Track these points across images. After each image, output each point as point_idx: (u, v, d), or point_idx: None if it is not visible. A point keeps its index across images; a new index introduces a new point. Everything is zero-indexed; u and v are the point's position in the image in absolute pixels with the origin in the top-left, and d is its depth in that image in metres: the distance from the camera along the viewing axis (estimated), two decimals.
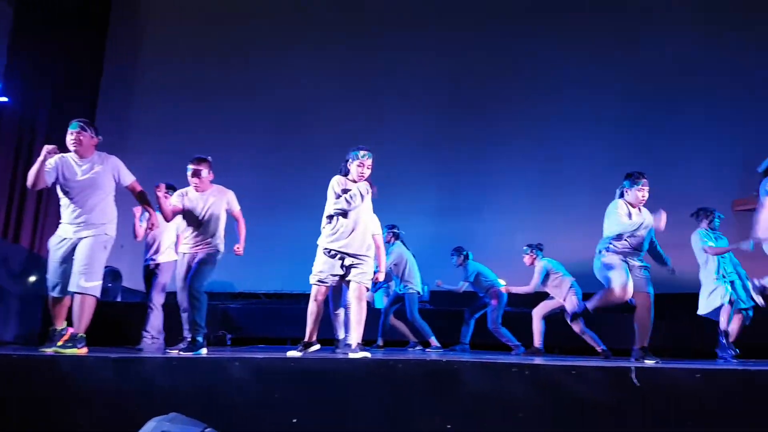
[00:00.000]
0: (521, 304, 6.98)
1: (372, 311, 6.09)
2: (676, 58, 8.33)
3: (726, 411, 2.84)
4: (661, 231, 4.57)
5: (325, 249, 4.09)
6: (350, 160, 4.17)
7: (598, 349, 5.79)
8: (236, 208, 4.81)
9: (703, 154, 7.92)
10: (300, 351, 4.02)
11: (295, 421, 3.08)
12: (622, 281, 4.38)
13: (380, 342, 6.48)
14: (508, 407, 3.01)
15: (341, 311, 4.90)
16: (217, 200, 4.68)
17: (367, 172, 4.17)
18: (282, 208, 8.67)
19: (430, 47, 9.15)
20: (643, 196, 4.57)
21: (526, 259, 6.34)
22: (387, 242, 6.43)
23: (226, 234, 4.80)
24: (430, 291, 7.75)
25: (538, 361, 3.80)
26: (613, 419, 2.89)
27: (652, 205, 4.67)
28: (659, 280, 4.80)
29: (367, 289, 4.18)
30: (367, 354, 3.76)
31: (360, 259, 4.07)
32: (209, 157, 4.73)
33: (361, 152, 4.15)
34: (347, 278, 4.10)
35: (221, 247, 4.69)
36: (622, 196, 4.66)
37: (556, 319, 6.21)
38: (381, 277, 5.11)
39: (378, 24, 9.37)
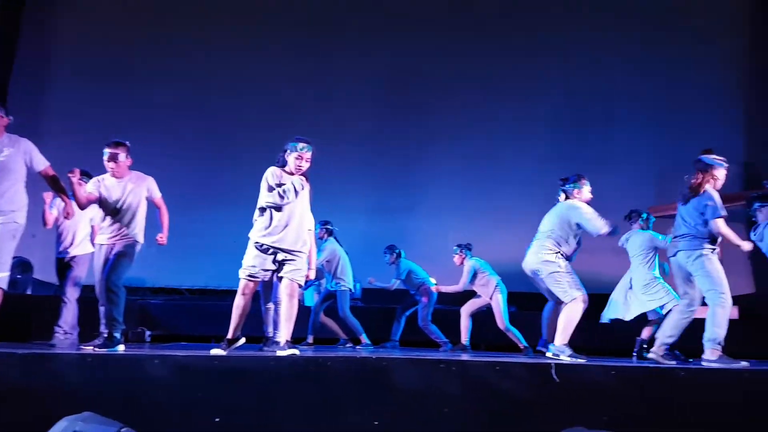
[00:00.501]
0: (450, 302, 7.11)
1: (302, 308, 6.02)
2: (604, 65, 8.66)
3: (636, 405, 3.01)
4: None
5: (257, 243, 3.94)
6: (288, 152, 4.01)
7: (521, 346, 5.99)
8: (157, 195, 4.59)
9: (623, 162, 8.31)
10: (224, 348, 3.88)
11: (218, 420, 2.99)
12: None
13: (310, 340, 6.42)
14: (435, 403, 3.05)
15: (272, 307, 4.79)
16: (135, 187, 4.45)
17: (306, 166, 4.02)
18: (207, 199, 8.40)
19: (366, 45, 9.13)
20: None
21: (456, 259, 6.47)
22: (320, 238, 6.37)
23: (147, 225, 4.58)
24: (362, 288, 7.76)
25: (464, 357, 3.88)
26: (534, 413, 3.00)
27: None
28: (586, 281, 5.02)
29: (300, 286, 4.08)
30: (296, 351, 3.69)
31: (294, 254, 3.95)
32: (127, 142, 4.49)
33: (300, 144, 4.00)
34: (279, 274, 3.98)
35: (141, 238, 4.46)
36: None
37: (482, 317, 6.38)
38: (312, 274, 5.01)
39: (312, 18, 9.24)
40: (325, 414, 3.07)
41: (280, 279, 4.01)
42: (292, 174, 4.01)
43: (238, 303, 3.95)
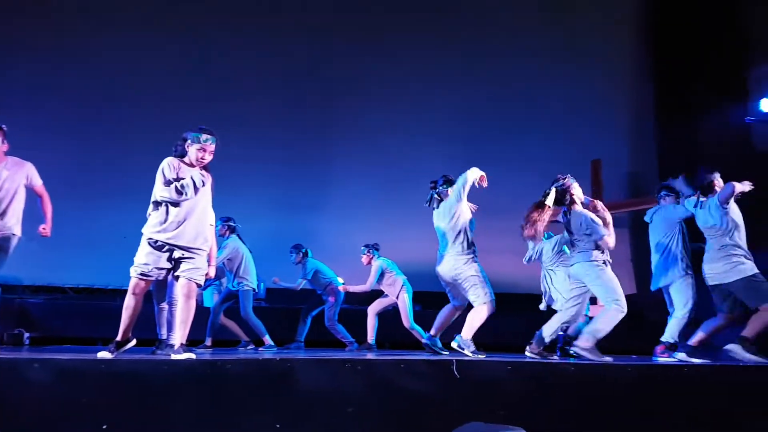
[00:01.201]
0: (356, 302, 7.12)
1: (200, 309, 5.77)
2: (507, 73, 9.00)
3: (530, 398, 3.16)
4: None
5: (151, 239, 3.65)
6: (189, 142, 3.73)
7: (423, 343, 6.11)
8: (38, 182, 4.20)
9: (522, 165, 8.69)
10: (112, 351, 3.59)
11: (105, 427, 2.78)
12: None
13: (208, 342, 6.15)
14: (340, 403, 3.03)
15: (165, 307, 4.52)
16: (12, 174, 4.05)
17: (209, 158, 3.76)
18: (95, 188, 7.80)
19: (276, 38, 8.92)
20: None
21: (364, 259, 6.49)
22: (221, 236, 6.13)
23: (26, 216, 4.16)
24: (266, 288, 7.57)
25: (370, 356, 3.89)
26: (437, 408, 3.05)
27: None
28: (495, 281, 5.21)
29: (198, 286, 3.86)
30: (192, 355, 3.50)
31: (192, 252, 3.70)
32: (3, 126, 4.08)
33: (204, 136, 3.73)
34: (175, 273, 3.72)
35: (18, 230, 4.06)
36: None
37: (388, 315, 6.45)
38: (212, 272, 4.77)
39: (219, 7, 8.88)
40: (223, 420, 2.94)
41: (176, 278, 3.76)
42: (192, 166, 3.76)
43: (129, 303, 3.67)
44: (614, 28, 9.21)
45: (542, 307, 5.50)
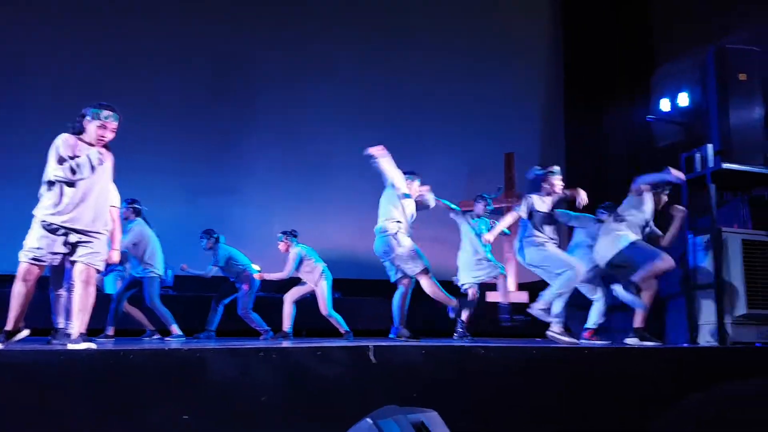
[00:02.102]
0: (272, 290, 6.98)
1: (101, 296, 5.44)
2: (421, 67, 9.16)
3: (442, 381, 3.23)
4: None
5: (44, 222, 3.39)
6: (88, 118, 3.49)
7: (342, 330, 6.11)
8: None
9: (438, 158, 8.89)
10: (1, 342, 3.32)
11: None
12: None
13: (110, 331, 5.81)
14: (253, 392, 2.95)
15: (63, 294, 4.19)
16: None
17: (110, 137, 3.53)
18: None
19: (195, 15, 8.52)
20: None
21: (281, 246, 6.36)
22: (125, 219, 5.80)
23: None
24: (174, 275, 7.25)
25: (285, 344, 3.82)
26: (354, 394, 3.05)
27: None
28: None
29: (98, 272, 3.62)
30: (92, 345, 3.28)
31: (90, 236, 3.47)
32: None
33: (105, 112, 3.49)
34: (72, 258, 3.47)
35: None
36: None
37: (304, 303, 6.37)
38: (115, 257, 4.48)
39: None
40: (125, 414, 2.78)
41: (73, 263, 3.51)
42: (91, 145, 3.51)
43: (19, 290, 3.39)
44: (528, 26, 9.59)
45: None
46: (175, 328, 5.92)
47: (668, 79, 6.54)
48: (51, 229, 3.39)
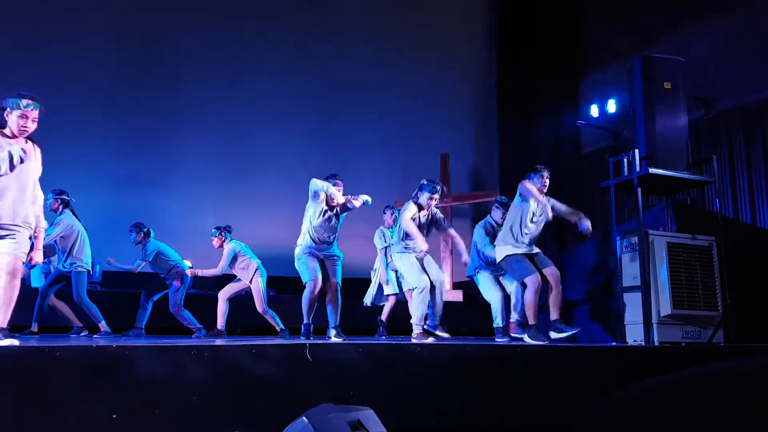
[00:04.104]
0: (204, 287, 6.80)
1: (26, 290, 5.14)
2: (359, 68, 9.12)
3: (379, 378, 3.26)
4: None
5: None
6: (8, 110, 3.32)
7: (278, 328, 6.04)
8: None
9: (373, 158, 8.90)
10: None
11: None
12: None
13: (34, 328, 5.51)
14: (184, 391, 2.87)
15: None
16: None
17: (32, 127, 3.37)
18: None
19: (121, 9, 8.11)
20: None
21: (215, 242, 6.20)
22: (53, 210, 5.52)
23: None
24: (102, 270, 6.94)
25: (219, 342, 3.74)
26: (289, 393, 3.03)
27: None
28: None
29: (23, 264, 3.44)
30: (15, 341, 3.11)
31: (11, 229, 3.31)
32: None
33: (25, 101, 3.33)
34: None
35: None
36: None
37: (239, 300, 6.25)
38: (38, 257, 4.22)
39: None
40: (49, 412, 2.65)
41: None
42: (13, 137, 3.34)
43: None
44: (462, 29, 9.77)
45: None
46: (103, 325, 5.68)
47: (597, 86, 6.83)
48: None
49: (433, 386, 3.37)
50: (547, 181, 5.07)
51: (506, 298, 5.47)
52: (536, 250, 5.06)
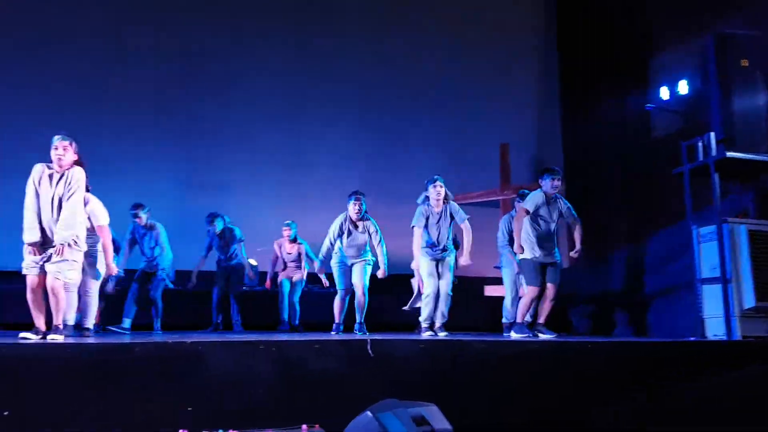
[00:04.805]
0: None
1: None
2: (414, 57, 8.88)
3: (440, 374, 3.26)
4: None
5: None
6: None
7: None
8: None
9: (431, 151, 8.70)
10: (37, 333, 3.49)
11: (6, 414, 2.61)
12: None
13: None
14: (252, 385, 2.99)
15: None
16: None
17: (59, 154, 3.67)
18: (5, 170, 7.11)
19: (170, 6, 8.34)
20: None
21: (292, 245, 6.56)
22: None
23: None
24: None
25: (284, 337, 3.85)
26: (351, 387, 3.08)
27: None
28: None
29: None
30: (60, 337, 3.36)
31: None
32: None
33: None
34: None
35: None
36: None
37: (310, 298, 6.46)
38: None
39: None
40: (129, 404, 2.84)
41: None
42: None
43: None
44: (521, 14, 9.45)
45: None
46: (126, 324, 5.83)
47: (667, 67, 6.47)
48: None
49: (497, 382, 3.33)
50: (558, 182, 4.96)
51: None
52: (552, 259, 4.91)
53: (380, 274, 5.28)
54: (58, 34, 7.83)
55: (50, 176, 3.65)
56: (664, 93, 6.42)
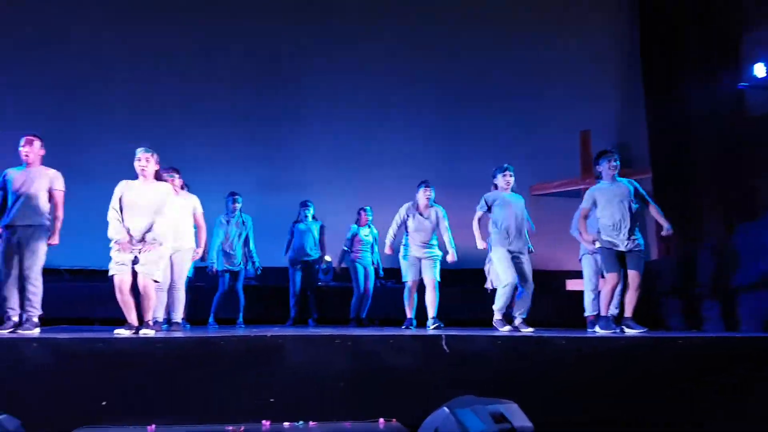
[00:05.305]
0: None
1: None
2: (491, 44, 8.70)
3: (517, 371, 3.19)
4: None
5: None
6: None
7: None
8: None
9: (508, 141, 8.51)
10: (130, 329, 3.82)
11: (104, 404, 2.83)
12: None
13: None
14: (331, 378, 3.06)
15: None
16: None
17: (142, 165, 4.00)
18: (92, 173, 7.63)
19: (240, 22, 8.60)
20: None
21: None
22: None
23: None
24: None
25: (358, 332, 3.91)
26: (426, 382, 3.09)
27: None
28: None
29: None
30: (151, 332, 3.54)
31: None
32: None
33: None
34: None
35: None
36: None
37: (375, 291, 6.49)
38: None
39: None
40: (217, 394, 2.99)
41: None
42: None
43: None
44: None
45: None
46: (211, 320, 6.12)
47: (762, 42, 5.97)
48: None
49: (579, 380, 3.22)
50: (616, 162, 4.74)
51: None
52: (631, 246, 4.60)
53: (450, 258, 5.27)
54: (155, 46, 8.30)
55: (136, 182, 3.98)
56: (759, 70, 5.96)
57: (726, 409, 3.20)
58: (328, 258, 6.91)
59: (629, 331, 4.46)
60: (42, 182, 4.20)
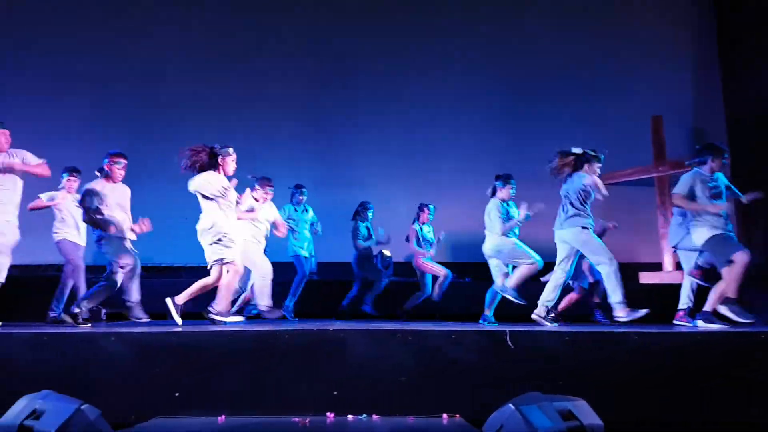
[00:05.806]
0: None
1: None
2: (549, 34, 8.48)
3: (588, 369, 3.07)
4: None
5: None
6: (220, 157, 4.39)
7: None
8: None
9: (578, 129, 8.20)
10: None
11: (177, 395, 2.94)
12: None
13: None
14: (393, 371, 3.06)
15: None
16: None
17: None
18: (160, 174, 7.93)
19: (297, 24, 8.70)
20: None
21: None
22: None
23: None
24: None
25: (419, 327, 3.89)
26: (489, 378, 3.03)
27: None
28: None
29: None
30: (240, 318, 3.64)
31: None
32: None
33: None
34: None
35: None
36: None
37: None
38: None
39: None
40: (281, 386, 3.05)
41: None
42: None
43: None
44: None
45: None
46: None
47: None
48: None
49: (650, 377, 3.07)
50: (726, 162, 4.56)
51: None
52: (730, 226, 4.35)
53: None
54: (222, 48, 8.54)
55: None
56: None
57: None
58: (387, 253, 6.92)
59: (710, 326, 4.19)
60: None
